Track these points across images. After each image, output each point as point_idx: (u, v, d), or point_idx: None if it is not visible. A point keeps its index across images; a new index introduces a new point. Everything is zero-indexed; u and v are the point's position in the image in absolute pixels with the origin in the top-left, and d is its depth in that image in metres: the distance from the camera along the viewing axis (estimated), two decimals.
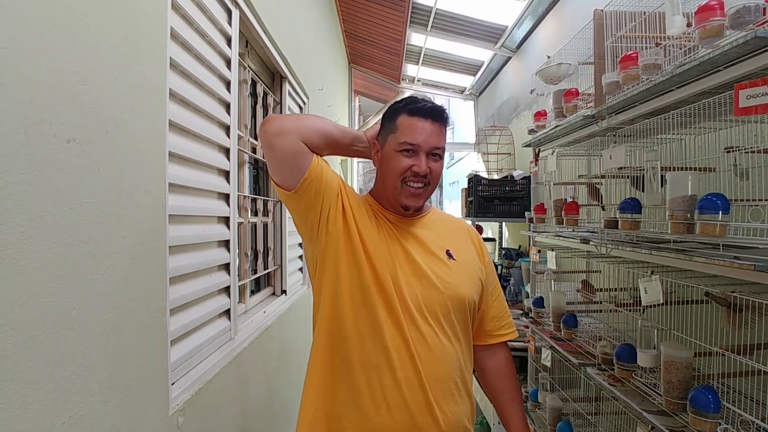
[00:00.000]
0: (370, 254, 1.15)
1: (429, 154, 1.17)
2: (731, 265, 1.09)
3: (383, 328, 1.12)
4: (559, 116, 2.12)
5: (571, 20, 3.18)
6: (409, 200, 1.18)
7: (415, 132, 1.16)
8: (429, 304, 1.16)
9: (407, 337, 1.12)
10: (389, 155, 1.19)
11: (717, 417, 1.17)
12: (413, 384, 1.11)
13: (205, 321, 1.49)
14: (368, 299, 1.13)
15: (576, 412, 2.08)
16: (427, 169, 1.16)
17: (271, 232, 2.52)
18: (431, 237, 1.24)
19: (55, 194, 0.79)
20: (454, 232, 1.31)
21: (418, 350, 1.12)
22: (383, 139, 1.22)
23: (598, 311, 2.06)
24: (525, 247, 3.70)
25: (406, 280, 1.15)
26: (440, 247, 1.23)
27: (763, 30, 1.05)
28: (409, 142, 1.16)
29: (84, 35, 0.86)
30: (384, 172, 1.21)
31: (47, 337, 0.77)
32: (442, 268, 1.20)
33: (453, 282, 1.19)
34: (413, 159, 1.16)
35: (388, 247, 1.18)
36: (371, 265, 1.14)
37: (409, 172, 1.16)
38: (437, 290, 1.17)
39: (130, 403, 1.00)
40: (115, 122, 0.95)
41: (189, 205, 1.36)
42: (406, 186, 1.17)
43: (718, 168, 1.33)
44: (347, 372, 1.13)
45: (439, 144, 1.18)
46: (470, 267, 1.26)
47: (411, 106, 1.19)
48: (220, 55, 1.61)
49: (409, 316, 1.13)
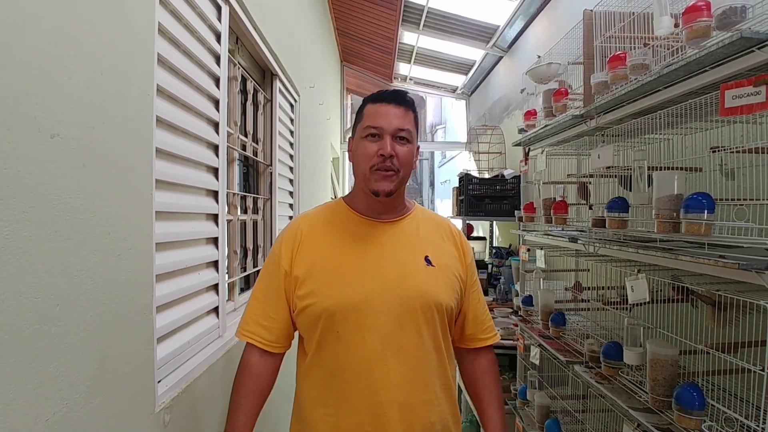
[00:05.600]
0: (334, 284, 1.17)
1: (395, 138, 1.18)
2: (716, 263, 1.10)
3: (358, 344, 1.15)
4: (548, 116, 2.13)
5: (562, 20, 3.19)
6: (379, 184, 1.17)
7: (378, 116, 1.18)
8: (405, 313, 1.16)
9: (375, 348, 1.15)
10: (357, 143, 1.22)
11: (702, 414, 1.18)
12: (393, 392, 1.14)
13: (193, 318, 1.48)
14: (337, 323, 1.16)
15: (564, 409, 2.10)
16: (393, 152, 1.16)
17: (261, 229, 2.51)
18: (410, 243, 1.24)
19: (38, 190, 0.78)
20: (435, 235, 1.30)
21: (395, 360, 1.15)
22: (353, 132, 1.25)
23: (586, 309, 2.08)
24: (515, 245, 3.71)
25: (375, 290, 1.16)
26: (418, 253, 1.23)
27: (749, 31, 1.06)
28: (372, 126, 1.18)
29: (69, 29, 0.85)
30: (355, 162, 1.23)
31: (29, 333, 0.76)
32: (421, 275, 1.20)
33: (430, 288, 1.19)
34: (379, 143, 1.17)
35: (361, 261, 1.19)
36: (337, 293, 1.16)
37: (377, 158, 1.16)
38: (416, 297, 1.17)
39: (116, 400, 0.99)
40: (101, 118, 0.94)
41: (176, 201, 1.36)
42: (375, 172, 1.17)
43: (705, 168, 1.34)
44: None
45: (403, 126, 1.18)
46: (449, 272, 1.25)
47: (374, 95, 1.22)
48: (210, 51, 1.60)
49: (386, 329, 1.15)
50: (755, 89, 1.04)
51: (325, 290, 1.16)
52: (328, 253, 1.20)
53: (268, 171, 2.55)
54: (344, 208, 1.27)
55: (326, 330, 1.16)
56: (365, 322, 1.14)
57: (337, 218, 1.26)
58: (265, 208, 2.55)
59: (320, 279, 1.17)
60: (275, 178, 2.57)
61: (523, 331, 2.37)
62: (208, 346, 1.57)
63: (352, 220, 1.25)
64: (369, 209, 1.24)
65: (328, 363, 1.17)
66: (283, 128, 2.80)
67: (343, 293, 1.15)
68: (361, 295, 1.15)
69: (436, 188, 10.12)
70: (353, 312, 1.14)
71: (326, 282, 1.17)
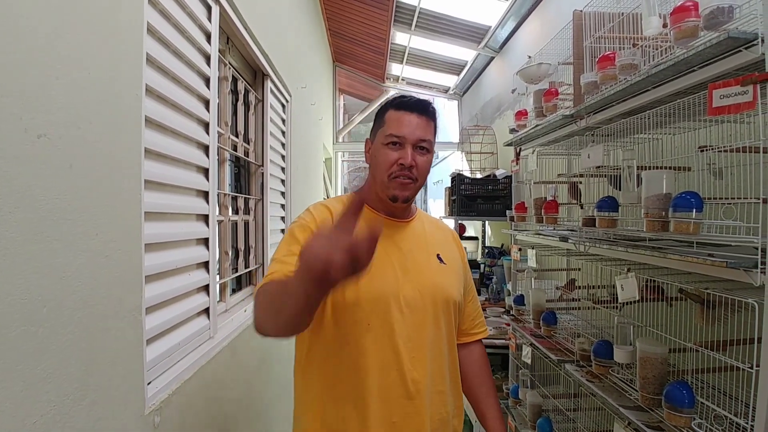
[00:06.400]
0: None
1: (416, 147, 1.19)
2: (704, 262, 1.10)
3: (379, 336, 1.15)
4: (539, 116, 2.14)
5: (553, 21, 3.20)
6: (398, 190, 1.19)
7: (401, 124, 1.18)
8: (427, 307, 1.20)
9: (403, 339, 1.16)
10: (377, 149, 1.22)
11: (691, 412, 1.18)
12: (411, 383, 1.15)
13: (184, 320, 1.47)
14: (357, 313, 1.14)
15: (556, 408, 2.10)
16: (413, 162, 1.18)
17: (253, 230, 2.50)
18: (424, 241, 1.28)
19: (25, 190, 0.77)
20: (440, 236, 1.35)
21: (418, 352, 1.17)
22: (373, 135, 1.26)
23: (577, 308, 2.09)
24: (508, 245, 3.72)
25: (402, 284, 1.18)
26: (432, 251, 1.28)
27: (736, 31, 1.07)
28: (394, 134, 1.18)
29: (56, 29, 0.84)
30: (374, 166, 1.24)
31: (16, 335, 0.75)
32: (436, 271, 1.25)
33: (446, 284, 1.24)
34: (399, 152, 1.18)
35: (386, 254, 1.19)
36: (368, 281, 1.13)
37: (396, 167, 1.18)
38: (434, 292, 1.21)
39: (104, 402, 0.99)
40: (89, 118, 0.93)
41: (166, 202, 1.35)
42: (394, 180, 1.19)
43: (693, 167, 1.35)
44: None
45: (424, 136, 1.19)
46: (457, 270, 1.31)
47: (397, 101, 1.22)
48: (200, 51, 1.59)
49: (410, 322, 1.17)
50: (742, 89, 1.05)
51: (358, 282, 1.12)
52: None
53: (260, 171, 2.54)
54: (365, 207, 1.23)
55: (357, 320, 1.14)
56: (392, 314, 1.15)
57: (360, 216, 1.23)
58: (256, 208, 2.54)
59: None
60: (267, 179, 2.56)
61: (515, 330, 2.37)
62: (199, 347, 1.56)
63: (373, 218, 1.25)
64: (386, 210, 1.26)
65: (354, 355, 1.14)
66: (275, 128, 2.79)
67: (372, 286, 1.15)
68: (388, 289, 1.16)
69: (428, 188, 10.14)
70: (383, 304, 1.15)
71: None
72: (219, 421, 1.66)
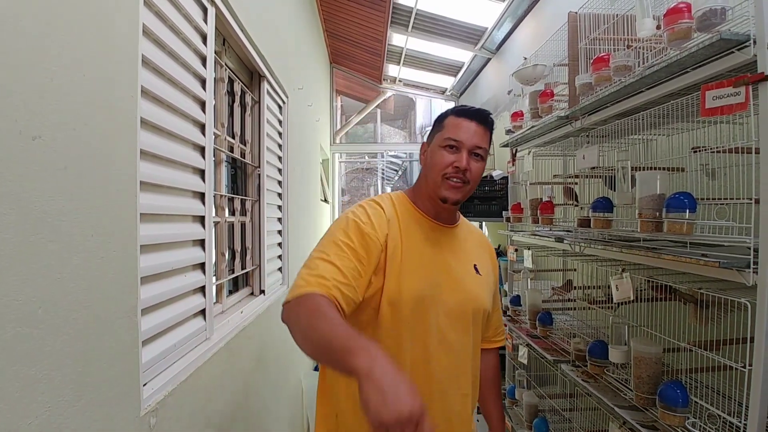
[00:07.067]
0: (411, 272, 1.19)
1: (471, 153, 1.23)
2: (698, 262, 1.11)
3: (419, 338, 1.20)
4: (535, 117, 2.14)
5: (549, 22, 3.21)
6: (449, 192, 1.23)
7: (460, 129, 1.23)
8: (460, 313, 1.24)
9: (437, 341, 1.21)
10: (434, 151, 1.26)
11: (685, 411, 1.19)
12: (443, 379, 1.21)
13: (180, 321, 1.47)
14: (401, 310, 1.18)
15: (552, 408, 2.11)
16: (468, 166, 1.22)
17: (249, 231, 2.50)
18: (464, 250, 1.32)
19: (20, 192, 0.77)
20: (478, 247, 1.39)
21: (445, 355, 1.21)
22: (431, 138, 1.31)
23: (573, 309, 2.09)
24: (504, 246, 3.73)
25: (443, 289, 1.22)
26: (470, 261, 1.32)
27: (728, 32, 1.07)
28: (453, 138, 1.23)
29: (51, 30, 0.84)
30: (428, 166, 1.28)
31: (11, 336, 0.75)
32: (472, 280, 1.29)
33: (480, 295, 1.29)
34: (456, 155, 1.22)
35: (432, 258, 1.24)
36: (411, 280, 1.19)
37: (451, 168, 1.22)
38: (469, 301, 1.26)
39: (100, 404, 0.99)
40: (83, 119, 0.93)
41: (162, 203, 1.35)
42: (447, 180, 1.23)
43: (687, 168, 1.36)
44: None
45: (481, 144, 1.24)
46: (490, 281, 1.36)
47: (459, 108, 1.29)
48: (195, 52, 1.59)
49: (444, 325, 1.21)
50: (735, 90, 1.06)
51: (405, 279, 1.19)
52: (410, 246, 1.23)
53: (257, 173, 2.54)
54: (412, 208, 1.30)
55: (396, 319, 1.18)
56: (430, 316, 1.20)
57: (409, 215, 1.28)
58: (253, 209, 2.54)
59: (403, 267, 1.19)
60: (263, 180, 2.56)
61: (512, 330, 2.38)
62: (195, 348, 1.56)
63: (424, 221, 1.29)
64: (433, 212, 1.29)
65: (392, 348, 1.17)
66: (272, 130, 2.80)
67: (417, 285, 1.19)
68: (430, 291, 1.20)
69: None
70: (421, 305, 1.19)
71: (407, 272, 1.19)
72: (215, 422, 1.65)
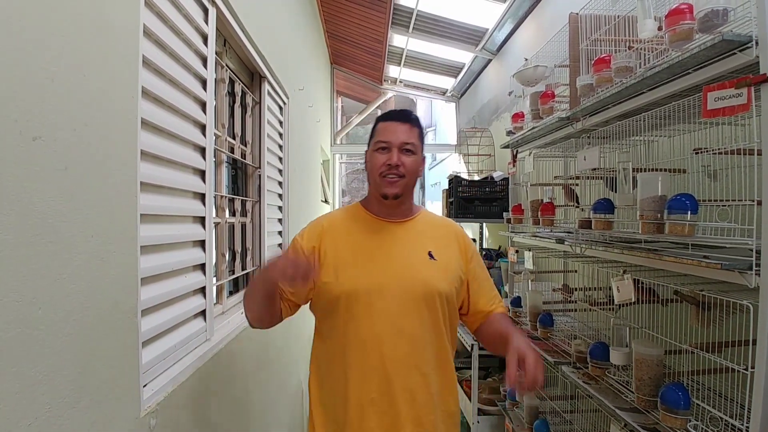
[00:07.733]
0: (345, 269, 1.35)
1: (401, 150, 1.36)
2: (699, 264, 1.11)
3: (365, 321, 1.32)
4: (535, 118, 2.14)
5: (550, 23, 3.21)
6: (388, 188, 1.37)
7: (387, 131, 1.38)
8: (408, 299, 1.33)
9: (385, 326, 1.31)
10: (370, 156, 1.42)
11: (687, 413, 1.19)
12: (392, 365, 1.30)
13: (180, 322, 1.47)
14: (341, 306, 1.34)
15: (553, 410, 2.10)
16: (399, 162, 1.35)
17: (250, 232, 2.50)
18: (417, 240, 1.42)
19: (20, 193, 0.77)
20: (438, 234, 1.47)
21: (399, 339, 1.31)
22: (368, 147, 1.44)
23: (574, 310, 2.09)
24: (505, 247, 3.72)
25: (385, 277, 1.34)
26: (424, 249, 1.41)
27: (730, 33, 1.07)
28: (382, 140, 1.38)
29: (51, 30, 0.84)
30: (369, 171, 1.43)
31: (11, 336, 0.75)
32: (423, 267, 1.37)
33: (431, 279, 1.36)
34: (387, 155, 1.37)
35: (372, 252, 1.38)
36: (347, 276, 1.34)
37: (384, 167, 1.36)
38: (419, 286, 1.34)
39: (100, 404, 0.98)
40: (84, 120, 0.93)
41: (162, 204, 1.35)
42: (384, 179, 1.37)
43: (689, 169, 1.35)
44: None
45: (408, 140, 1.37)
46: (450, 266, 1.41)
47: (384, 114, 1.45)
48: (196, 53, 1.59)
49: (392, 312, 1.32)
50: (737, 91, 1.05)
51: (343, 275, 1.34)
52: (347, 245, 1.39)
53: (257, 173, 2.54)
54: (361, 210, 1.47)
55: (343, 310, 1.33)
56: (376, 306, 1.31)
57: (354, 218, 1.46)
58: (253, 210, 2.54)
59: (340, 265, 1.35)
60: (264, 181, 2.56)
61: None
62: (195, 349, 1.56)
63: (367, 219, 1.44)
64: (381, 211, 1.44)
65: (341, 339, 1.33)
66: (272, 130, 2.79)
67: (358, 279, 1.33)
68: (373, 282, 1.33)
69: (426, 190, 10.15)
70: (365, 296, 1.32)
71: (344, 268, 1.35)
72: (215, 423, 1.65)
